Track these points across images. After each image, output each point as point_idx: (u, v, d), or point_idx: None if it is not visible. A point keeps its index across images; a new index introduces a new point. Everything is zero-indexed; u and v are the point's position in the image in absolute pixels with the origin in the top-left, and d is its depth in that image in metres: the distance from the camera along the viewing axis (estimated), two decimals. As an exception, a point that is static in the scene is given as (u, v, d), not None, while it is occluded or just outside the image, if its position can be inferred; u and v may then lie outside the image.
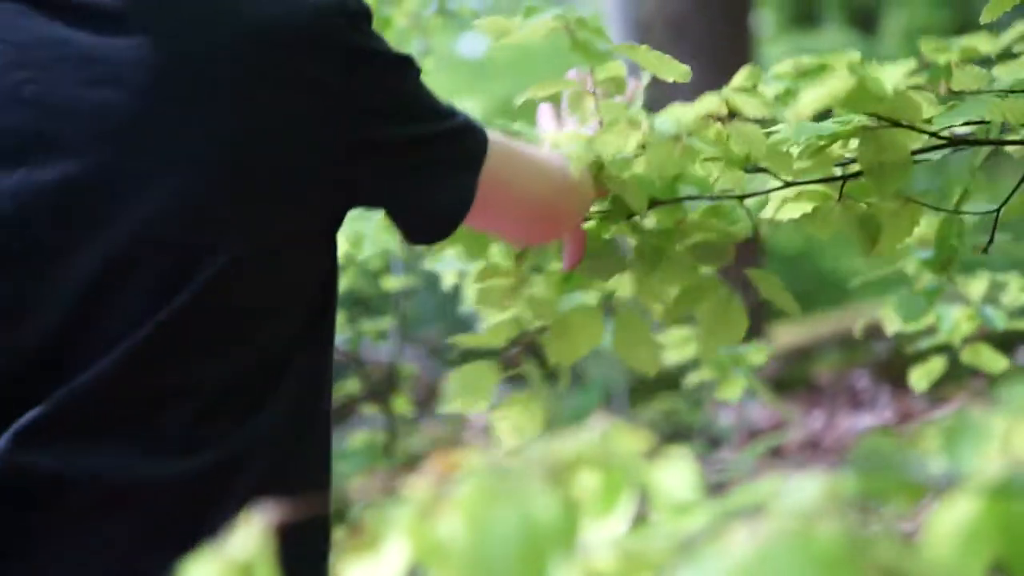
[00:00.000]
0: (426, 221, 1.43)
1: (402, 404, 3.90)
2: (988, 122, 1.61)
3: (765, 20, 11.05)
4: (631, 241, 1.77)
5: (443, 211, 1.42)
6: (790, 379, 5.25)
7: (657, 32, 5.75)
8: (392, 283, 3.91)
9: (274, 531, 0.79)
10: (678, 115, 1.61)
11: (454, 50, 10.26)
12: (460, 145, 1.43)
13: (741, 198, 1.79)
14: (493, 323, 1.82)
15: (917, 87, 1.57)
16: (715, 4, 5.74)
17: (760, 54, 7.76)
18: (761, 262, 5.07)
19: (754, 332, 5.81)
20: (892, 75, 1.52)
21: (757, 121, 1.61)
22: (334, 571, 0.78)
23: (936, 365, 2.35)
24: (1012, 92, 1.58)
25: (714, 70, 5.99)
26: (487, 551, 0.75)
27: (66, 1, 1.24)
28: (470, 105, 2.81)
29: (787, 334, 5.74)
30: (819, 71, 1.54)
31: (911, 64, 1.53)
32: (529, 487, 0.76)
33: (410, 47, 2.87)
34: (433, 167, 1.40)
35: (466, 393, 1.76)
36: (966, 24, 12.34)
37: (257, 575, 0.76)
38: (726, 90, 1.59)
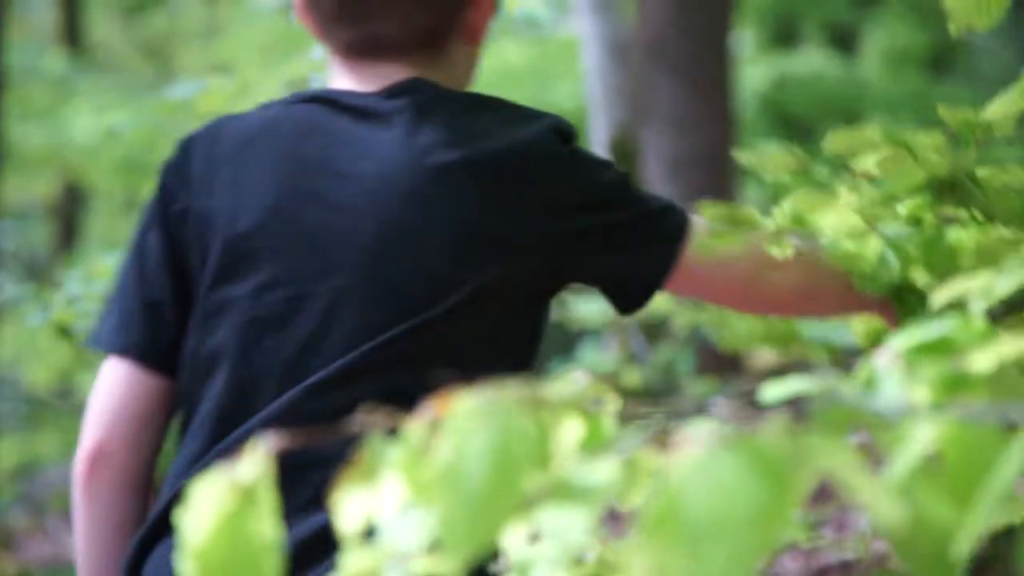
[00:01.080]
0: (626, 290, 1.74)
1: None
2: None
3: (744, 40, 11.08)
4: None
5: (641, 280, 1.73)
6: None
7: (635, 54, 5.76)
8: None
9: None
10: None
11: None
12: (659, 222, 1.73)
13: None
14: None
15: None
16: (693, 25, 5.75)
17: (739, 74, 7.78)
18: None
19: (732, 355, 5.82)
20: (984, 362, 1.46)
21: None
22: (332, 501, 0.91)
23: None
24: None
25: (693, 91, 6.01)
26: (464, 462, 0.81)
27: (350, 104, 1.70)
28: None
29: (765, 355, 5.74)
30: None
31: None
32: (508, 410, 0.83)
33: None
34: (634, 244, 1.72)
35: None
36: (945, 46, 12.39)
37: (259, 498, 0.85)
38: (862, 203, 1.63)
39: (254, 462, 0.87)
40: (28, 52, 10.95)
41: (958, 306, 1.69)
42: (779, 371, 5.56)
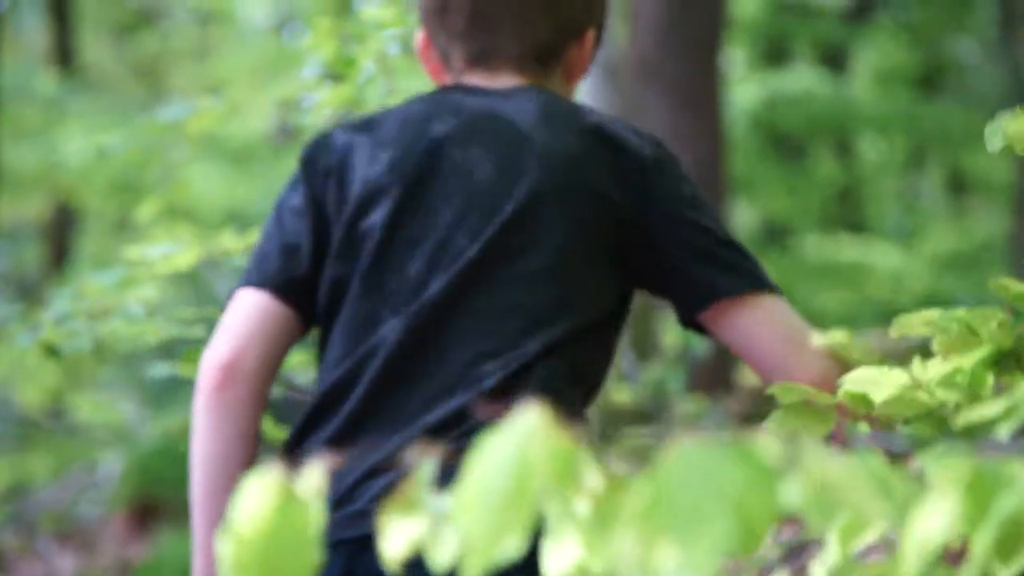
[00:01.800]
0: (689, 298, 1.90)
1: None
2: None
3: (734, 59, 11.11)
4: None
5: (703, 291, 1.88)
6: (758, 416, 5.27)
7: (626, 74, 5.78)
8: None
9: None
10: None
11: (419, 91, 10.28)
12: (748, 261, 1.90)
13: None
14: None
15: None
16: (684, 45, 5.76)
17: (730, 93, 7.79)
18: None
19: (722, 373, 5.83)
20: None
21: None
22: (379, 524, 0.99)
23: None
24: None
25: (684, 110, 6.02)
26: (486, 478, 0.87)
27: (478, 88, 1.97)
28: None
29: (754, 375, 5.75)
30: None
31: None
32: (530, 430, 0.88)
33: (375, 88, 2.87)
34: (716, 258, 1.89)
35: None
36: (936, 65, 12.41)
37: (310, 507, 0.93)
38: (926, 383, 1.62)
39: (314, 475, 0.95)
40: (20, 72, 10.95)
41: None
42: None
